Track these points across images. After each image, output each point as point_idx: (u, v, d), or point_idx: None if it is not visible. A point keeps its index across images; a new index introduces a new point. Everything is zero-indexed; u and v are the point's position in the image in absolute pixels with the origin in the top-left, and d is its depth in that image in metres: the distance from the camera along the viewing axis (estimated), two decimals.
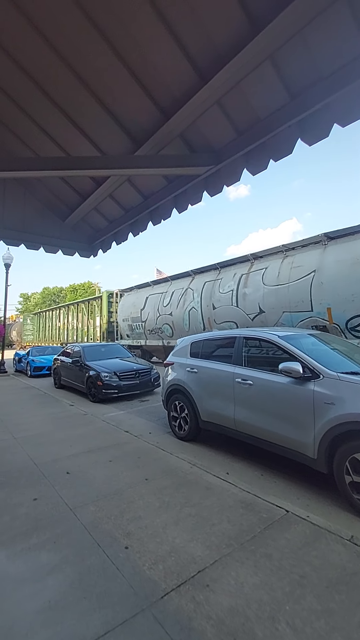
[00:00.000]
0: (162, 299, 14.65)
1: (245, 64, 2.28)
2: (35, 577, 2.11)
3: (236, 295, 11.02)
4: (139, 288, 17.29)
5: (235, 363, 4.31)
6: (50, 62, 2.81)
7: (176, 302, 13.68)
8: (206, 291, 12.38)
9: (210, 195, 3.42)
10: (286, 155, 2.70)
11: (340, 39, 2.11)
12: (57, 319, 28.11)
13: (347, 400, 3.03)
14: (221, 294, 11.64)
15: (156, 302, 15.00)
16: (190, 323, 12.89)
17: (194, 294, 12.93)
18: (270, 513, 2.76)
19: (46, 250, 4.83)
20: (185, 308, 13.15)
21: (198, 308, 12.55)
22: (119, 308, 18.13)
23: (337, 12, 2.00)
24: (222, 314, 11.54)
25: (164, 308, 14.38)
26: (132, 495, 3.15)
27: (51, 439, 5.02)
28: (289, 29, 2.03)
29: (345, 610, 1.81)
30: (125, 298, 17.97)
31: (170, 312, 13.95)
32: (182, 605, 1.85)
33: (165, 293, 14.65)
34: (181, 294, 13.60)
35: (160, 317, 14.61)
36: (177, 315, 13.53)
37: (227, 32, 2.24)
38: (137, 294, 16.85)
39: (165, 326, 14.36)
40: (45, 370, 13.34)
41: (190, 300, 13.01)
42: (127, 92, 2.90)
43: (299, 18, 1.97)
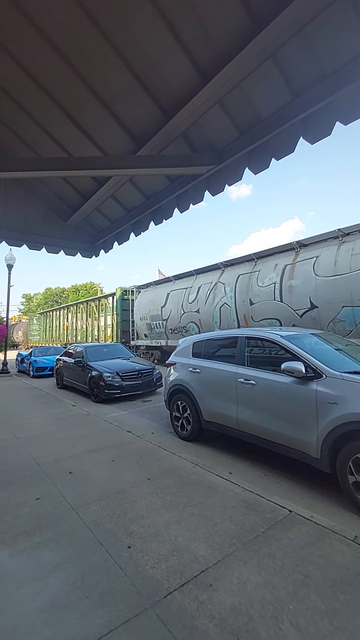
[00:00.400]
0: (187, 295, 13.23)
1: (247, 63, 2.28)
2: (37, 575, 2.11)
3: (279, 288, 9.65)
4: (157, 284, 15.98)
5: (238, 363, 4.30)
6: (52, 64, 2.82)
7: (204, 298, 12.32)
8: (241, 285, 10.95)
9: (212, 194, 3.42)
10: (288, 154, 2.70)
11: (342, 37, 2.10)
12: (65, 319, 27.25)
13: (350, 400, 3.02)
14: (260, 288, 10.28)
15: (179, 299, 13.65)
16: (221, 320, 11.61)
17: (225, 289, 11.52)
18: (274, 513, 2.75)
19: (48, 250, 4.85)
20: (215, 304, 11.78)
21: (231, 304, 11.19)
22: (136, 306, 16.76)
23: (340, 9, 1.99)
24: (262, 310, 10.20)
25: (189, 305, 13.00)
26: (134, 494, 3.15)
27: (54, 439, 5.03)
28: (291, 27, 2.03)
29: (350, 610, 1.80)
30: (143, 295, 16.62)
31: (197, 309, 12.58)
32: (185, 604, 1.85)
33: (191, 288, 13.25)
34: (210, 289, 12.19)
35: (185, 314, 13.26)
36: (205, 312, 12.21)
37: (229, 30, 2.24)
38: (157, 290, 15.54)
39: (190, 325, 13.02)
40: (47, 371, 13.37)
41: (221, 296, 11.62)
42: (128, 92, 2.91)
43: (301, 16, 1.97)
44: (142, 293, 16.83)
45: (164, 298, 14.70)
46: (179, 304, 13.68)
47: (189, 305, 13.11)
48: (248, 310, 10.72)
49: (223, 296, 11.62)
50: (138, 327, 16.76)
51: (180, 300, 13.67)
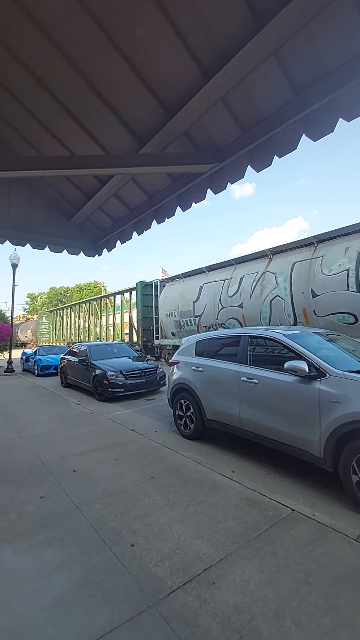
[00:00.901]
0: (226, 288, 11.51)
1: (249, 60, 2.26)
2: (41, 574, 2.13)
3: (356, 276, 7.98)
4: (186, 276, 14.29)
5: (241, 362, 4.30)
6: (54, 62, 2.82)
7: (248, 291, 10.60)
8: (299, 274, 9.30)
9: (214, 192, 3.41)
10: (291, 151, 2.68)
11: (345, 34, 2.08)
12: (77, 317, 25.90)
13: (353, 399, 3.00)
14: (326, 277, 8.61)
15: (216, 292, 11.92)
16: (272, 316, 9.97)
17: (276, 279, 9.86)
18: (276, 511, 2.75)
19: (51, 249, 4.86)
20: (264, 297, 10.11)
21: (286, 296, 9.56)
22: (161, 301, 15.08)
23: (342, 5, 1.97)
24: (330, 302, 8.56)
25: (229, 299, 11.29)
26: (137, 493, 3.16)
27: (58, 438, 5.06)
28: (293, 24, 2.01)
29: (352, 608, 1.80)
30: (169, 289, 14.89)
31: (239, 304, 10.88)
32: (188, 602, 1.86)
33: (230, 280, 11.48)
34: (255, 280, 10.49)
35: (223, 310, 11.55)
36: (250, 306, 10.52)
37: (230, 27, 2.22)
38: (186, 284, 13.87)
39: (231, 321, 11.33)
40: (52, 370, 13.45)
41: (272, 287, 9.93)
42: (130, 90, 2.90)
43: (304, 12, 1.95)
44: (168, 287, 15.09)
45: (196, 292, 12.98)
46: (215, 298, 11.94)
47: (228, 299, 11.33)
48: (310, 304, 9.01)
49: (274, 288, 9.88)
50: (164, 324, 14.91)
51: (216, 293, 11.91)
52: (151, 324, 16.59)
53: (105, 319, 21.24)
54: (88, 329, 23.85)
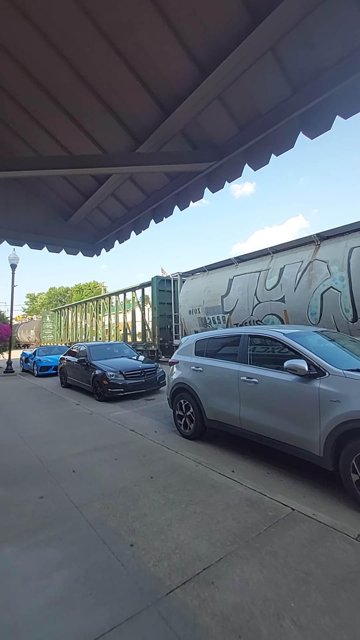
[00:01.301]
0: (263, 280, 10.15)
1: (245, 57, 2.25)
2: (41, 573, 2.13)
3: None
4: (211, 269, 12.85)
5: (241, 361, 4.29)
6: (49, 61, 2.81)
7: (292, 283, 9.26)
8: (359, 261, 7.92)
9: (212, 191, 3.40)
10: (288, 149, 2.67)
11: (342, 29, 2.07)
12: (83, 316, 24.45)
13: (353, 398, 2.99)
14: None
15: (250, 285, 10.54)
16: (323, 310, 8.61)
17: (329, 268, 8.51)
18: (276, 511, 2.74)
19: (49, 249, 4.86)
20: (313, 290, 8.77)
21: (342, 287, 8.19)
22: (182, 297, 13.68)
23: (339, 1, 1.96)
24: None
25: (267, 292, 9.94)
26: (137, 493, 3.16)
27: (57, 438, 5.06)
28: (290, 19, 2.00)
29: (352, 608, 1.79)
30: (190, 284, 13.50)
31: (281, 297, 9.54)
32: (187, 602, 1.85)
33: (268, 271, 10.09)
34: (300, 270, 9.11)
35: (260, 305, 10.18)
36: (295, 300, 9.14)
37: (226, 23, 2.21)
38: (211, 277, 12.41)
39: (270, 318, 9.99)
40: (51, 370, 13.45)
41: (323, 278, 8.61)
42: (126, 89, 2.89)
43: (300, 7, 1.94)
44: (190, 282, 13.65)
45: (224, 285, 11.53)
46: (249, 292, 10.52)
47: (266, 293, 9.95)
48: None
49: (326, 278, 8.56)
50: (186, 322, 13.36)
51: (251, 286, 10.50)
52: (168, 322, 15.26)
53: (115, 318, 19.78)
54: (95, 329, 22.49)
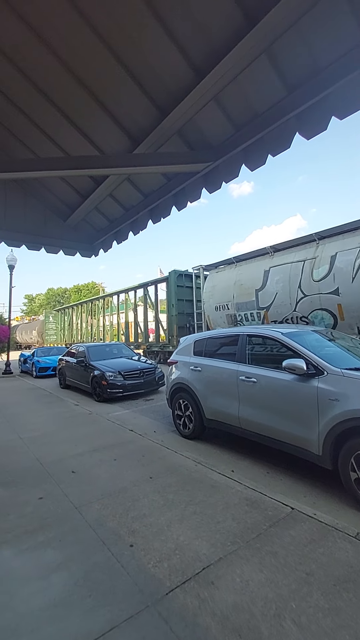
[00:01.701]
0: (309, 270, 8.89)
1: (241, 58, 2.26)
2: (40, 574, 2.12)
3: None
4: (240, 260, 11.34)
5: (239, 361, 4.30)
6: (47, 63, 2.81)
7: (348, 272, 7.96)
8: None
9: (209, 192, 3.41)
10: (284, 150, 2.67)
11: (337, 30, 2.08)
12: (90, 315, 22.86)
13: (351, 397, 3.00)
14: None
15: (293, 277, 9.25)
16: None
17: None
18: (276, 511, 2.74)
19: (47, 250, 4.86)
20: None
21: None
22: (207, 292, 12.25)
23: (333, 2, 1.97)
24: None
25: (315, 284, 8.67)
26: (136, 493, 3.15)
27: (56, 439, 5.05)
28: (284, 21, 2.01)
29: (353, 608, 1.79)
30: (216, 277, 12.04)
31: (333, 289, 8.29)
32: (187, 602, 1.85)
33: (315, 260, 8.82)
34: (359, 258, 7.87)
35: (305, 299, 8.98)
36: (354, 294, 7.90)
37: (222, 25, 2.22)
38: (242, 269, 10.97)
39: (319, 313, 8.78)
40: (50, 371, 13.42)
41: None
42: (124, 90, 2.90)
43: (295, 9, 1.94)
44: (214, 275, 12.24)
45: (259, 278, 10.22)
46: (291, 284, 9.28)
47: (314, 285, 8.72)
48: None
49: None
50: (212, 320, 12.01)
51: (293, 278, 9.25)
52: (187, 320, 13.96)
53: (125, 317, 18.27)
54: (102, 329, 20.91)
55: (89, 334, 22.94)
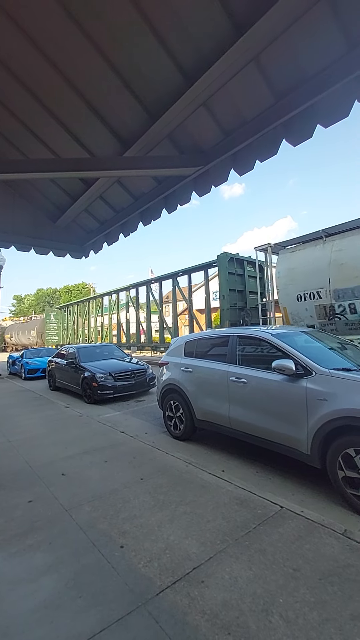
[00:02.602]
0: None
1: (230, 66, 2.32)
2: (30, 577, 2.12)
3: None
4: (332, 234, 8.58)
5: (230, 362, 4.34)
6: (39, 66, 2.82)
7: None
8: None
9: (199, 195, 3.46)
10: (272, 156, 2.74)
11: (322, 41, 2.14)
12: (97, 313, 20.02)
13: (338, 396, 3.06)
14: None
15: None
16: None
17: None
18: (265, 509, 2.79)
19: (37, 252, 4.83)
20: None
21: None
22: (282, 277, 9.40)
23: (319, 14, 2.03)
24: None
25: None
26: (127, 494, 3.16)
27: (46, 441, 5.01)
28: (272, 31, 2.07)
29: (338, 602, 1.84)
30: (293, 257, 9.29)
31: None
32: (176, 601, 1.87)
33: None
34: None
35: None
36: None
37: (210, 34, 2.27)
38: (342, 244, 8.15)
39: None
40: (39, 373, 13.25)
41: None
42: (114, 94, 2.92)
43: (282, 20, 2.00)
44: (289, 255, 9.48)
45: None
46: None
47: None
48: None
49: None
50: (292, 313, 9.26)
51: None
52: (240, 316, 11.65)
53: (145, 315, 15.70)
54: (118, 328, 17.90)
55: (98, 333, 20.12)
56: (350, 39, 2.10)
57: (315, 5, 1.95)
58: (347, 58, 2.13)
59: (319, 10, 2.00)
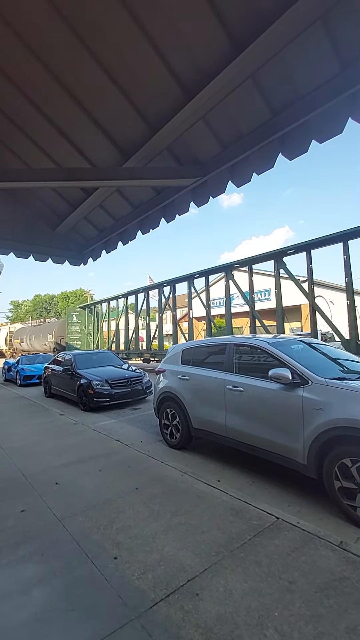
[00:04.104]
0: None
1: (228, 82, 2.38)
2: (21, 589, 2.08)
3: None
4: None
5: (226, 370, 4.34)
6: (43, 80, 2.89)
7: None
8: None
9: (197, 205, 3.51)
10: (268, 169, 2.80)
11: (317, 61, 2.22)
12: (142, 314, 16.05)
13: (335, 406, 3.07)
14: None
15: None
16: None
17: None
18: (261, 520, 2.76)
19: (36, 258, 4.86)
20: None
21: None
22: None
23: (313, 36, 2.11)
24: None
25: None
26: (121, 504, 3.12)
27: (40, 449, 4.95)
28: (268, 51, 2.14)
29: (334, 615, 1.82)
30: None
31: None
32: (170, 614, 1.84)
33: None
34: None
35: None
36: None
37: (210, 52, 2.35)
38: None
39: None
40: (35, 379, 13.15)
41: None
42: (116, 107, 2.99)
43: (278, 40, 2.07)
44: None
45: None
46: None
47: None
48: None
49: None
50: None
51: None
52: None
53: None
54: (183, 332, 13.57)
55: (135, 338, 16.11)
56: (342, 60, 2.18)
57: (310, 28, 2.01)
58: (340, 78, 2.21)
59: (313, 32, 2.08)
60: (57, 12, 2.30)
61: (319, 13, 1.98)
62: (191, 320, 13.72)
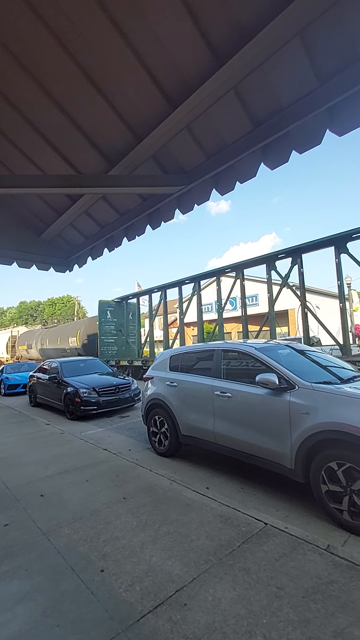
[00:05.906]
0: None
1: (211, 93, 2.45)
2: (4, 606, 2.01)
3: None
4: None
5: (214, 376, 4.34)
6: (26, 86, 2.88)
7: None
8: None
9: (182, 212, 3.55)
10: (251, 178, 2.89)
11: (296, 75, 2.31)
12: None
13: (320, 410, 3.11)
14: None
15: None
16: None
17: None
18: (249, 526, 2.76)
19: (20, 265, 4.79)
20: None
21: None
22: None
23: (292, 51, 2.20)
24: None
25: None
26: (109, 515, 3.07)
27: (25, 461, 4.83)
28: (250, 63, 2.21)
29: (321, 619, 1.83)
30: None
31: None
32: (158, 626, 1.81)
33: None
34: None
35: None
36: None
37: (193, 64, 2.41)
38: None
39: None
40: (20, 388, 12.87)
41: None
42: (100, 115, 3.01)
43: (259, 54, 2.15)
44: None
45: None
46: None
47: None
48: None
49: None
50: None
51: None
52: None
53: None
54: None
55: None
56: (319, 75, 2.28)
57: (289, 43, 2.10)
58: (318, 91, 2.31)
59: (292, 47, 2.17)
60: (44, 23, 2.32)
61: (297, 29, 2.07)
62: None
